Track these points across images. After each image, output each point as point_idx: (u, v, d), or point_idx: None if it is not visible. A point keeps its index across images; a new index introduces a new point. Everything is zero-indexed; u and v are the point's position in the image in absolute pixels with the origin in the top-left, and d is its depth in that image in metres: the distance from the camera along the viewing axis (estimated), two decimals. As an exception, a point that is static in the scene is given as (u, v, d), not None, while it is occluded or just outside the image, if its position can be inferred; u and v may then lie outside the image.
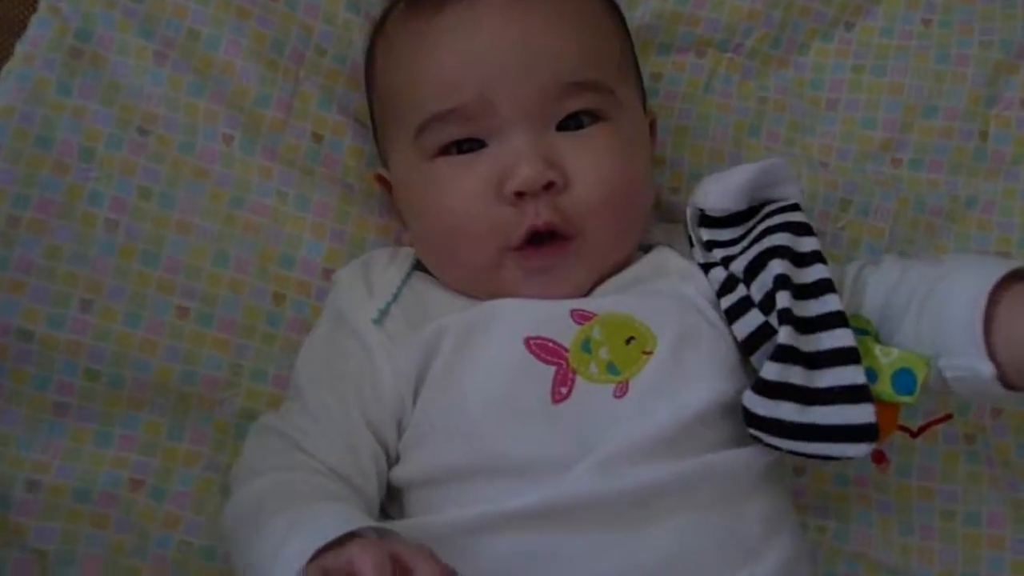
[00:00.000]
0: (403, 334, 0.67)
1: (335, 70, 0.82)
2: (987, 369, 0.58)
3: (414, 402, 0.66)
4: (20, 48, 0.75)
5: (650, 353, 0.63)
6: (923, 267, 0.66)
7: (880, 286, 0.67)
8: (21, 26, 0.77)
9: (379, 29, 0.77)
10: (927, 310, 0.63)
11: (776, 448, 0.62)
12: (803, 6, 0.87)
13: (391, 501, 0.68)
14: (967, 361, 0.59)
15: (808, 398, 0.60)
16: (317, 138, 0.79)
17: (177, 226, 0.75)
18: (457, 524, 0.61)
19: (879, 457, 0.66)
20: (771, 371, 0.60)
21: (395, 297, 0.70)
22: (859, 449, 0.59)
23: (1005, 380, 0.58)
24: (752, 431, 0.62)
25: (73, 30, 0.76)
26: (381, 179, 0.77)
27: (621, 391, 0.62)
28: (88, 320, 0.72)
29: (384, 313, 0.69)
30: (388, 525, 0.65)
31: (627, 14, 0.81)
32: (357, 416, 0.65)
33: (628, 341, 0.64)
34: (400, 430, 0.66)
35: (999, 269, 0.60)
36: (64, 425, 0.71)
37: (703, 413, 0.62)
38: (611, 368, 0.63)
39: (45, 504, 0.69)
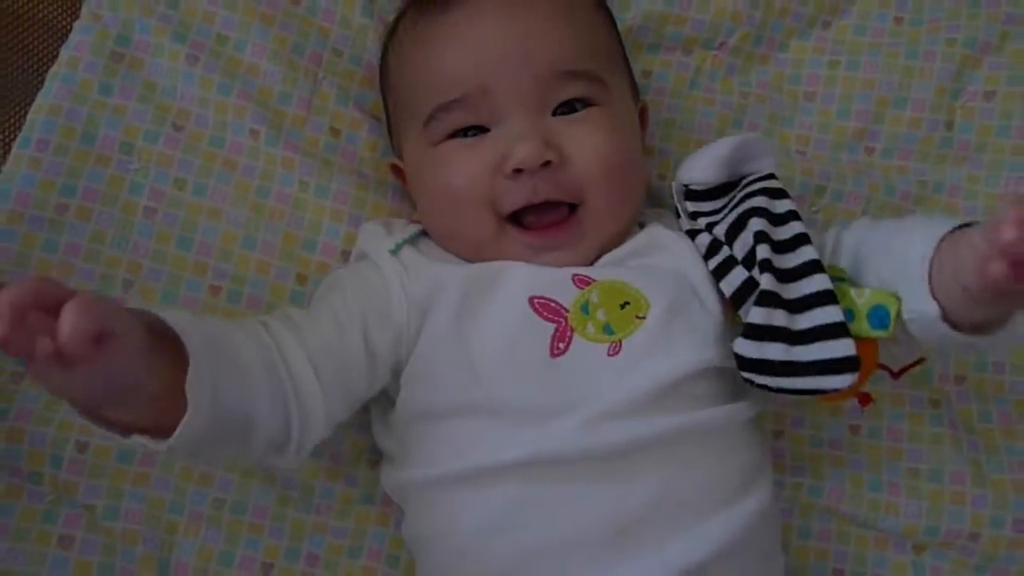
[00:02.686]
0: (415, 266, 0.73)
1: (351, 70, 0.87)
2: (932, 309, 0.63)
3: (418, 332, 0.71)
4: (65, 52, 0.81)
5: (643, 318, 0.69)
6: (887, 224, 0.73)
7: (851, 243, 0.73)
8: (64, 31, 0.82)
9: (391, 33, 0.83)
10: (887, 262, 0.68)
11: (767, 388, 0.66)
12: (782, 7, 0.93)
13: (395, 446, 0.74)
14: (918, 303, 0.64)
15: (792, 339, 0.65)
16: (335, 132, 0.84)
17: (209, 213, 0.80)
18: (448, 475, 0.67)
19: (864, 399, 0.70)
20: (756, 315, 0.66)
21: (411, 238, 0.76)
22: (843, 380, 0.64)
23: (948, 319, 0.63)
24: (744, 374, 0.67)
25: (113, 36, 0.81)
26: (395, 168, 0.83)
27: (614, 350, 0.68)
28: (129, 299, 0.77)
29: (400, 247, 0.75)
30: (396, 475, 0.72)
31: (619, 15, 0.87)
32: (356, 317, 0.70)
33: (623, 306, 0.69)
34: (397, 352, 0.71)
35: (945, 226, 0.65)
36: (107, 392, 0.77)
37: (688, 374, 0.68)
38: (607, 329, 0.69)
39: (92, 464, 0.74)
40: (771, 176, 0.74)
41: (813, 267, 0.67)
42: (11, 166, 0.77)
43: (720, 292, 0.72)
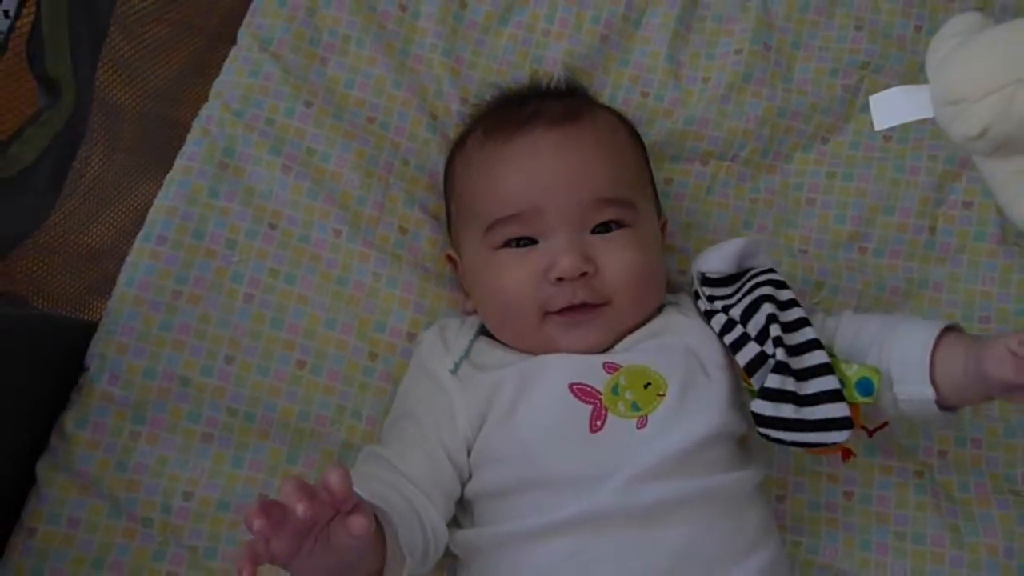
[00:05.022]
0: (472, 381, 0.85)
1: (416, 177, 1.00)
2: (930, 392, 0.76)
3: (479, 431, 0.83)
4: (180, 162, 0.95)
5: (663, 395, 0.80)
6: (878, 319, 0.85)
7: (846, 334, 0.85)
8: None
9: (459, 148, 0.95)
10: (886, 351, 0.80)
11: (780, 441, 0.77)
12: (787, 125, 1.05)
13: (463, 513, 0.85)
14: (917, 387, 0.77)
15: (800, 401, 0.77)
16: (403, 231, 0.97)
17: (297, 299, 0.92)
18: (514, 533, 0.79)
19: (846, 453, 0.82)
20: (773, 381, 0.78)
21: (466, 353, 0.88)
22: (841, 435, 0.76)
23: (940, 403, 0.76)
24: (761, 430, 0.78)
25: (220, 148, 0.95)
26: (451, 259, 0.96)
27: (642, 424, 0.80)
28: (230, 370, 0.89)
29: (458, 365, 0.87)
30: (464, 532, 0.83)
31: (645, 130, 0.99)
32: (436, 442, 0.83)
33: (646, 386, 0.81)
34: (469, 453, 0.84)
35: (939, 324, 0.78)
36: (209, 450, 0.86)
37: (703, 439, 0.80)
38: (634, 406, 0.80)
39: (196, 511, 0.84)
40: (772, 270, 0.87)
41: (814, 344, 0.80)
42: (134, 257, 0.91)
43: (725, 367, 0.84)
